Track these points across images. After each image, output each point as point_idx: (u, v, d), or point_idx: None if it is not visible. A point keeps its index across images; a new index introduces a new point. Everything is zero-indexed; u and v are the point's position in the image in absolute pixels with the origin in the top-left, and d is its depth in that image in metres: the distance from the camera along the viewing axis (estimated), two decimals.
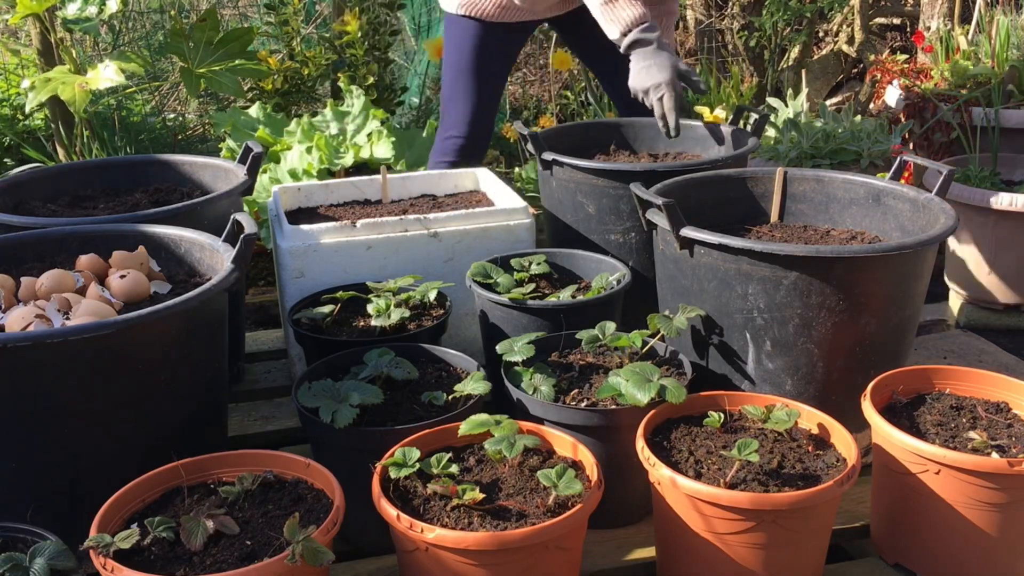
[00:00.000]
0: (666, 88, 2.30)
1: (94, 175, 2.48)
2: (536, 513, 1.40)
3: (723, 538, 1.45)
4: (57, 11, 3.27)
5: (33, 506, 1.51)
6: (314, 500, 1.44)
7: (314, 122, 3.20)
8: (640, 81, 2.34)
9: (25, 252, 1.95)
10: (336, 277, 2.17)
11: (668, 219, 1.81)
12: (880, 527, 1.70)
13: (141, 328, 1.53)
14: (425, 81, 4.61)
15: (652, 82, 2.31)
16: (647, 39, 2.32)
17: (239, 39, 3.40)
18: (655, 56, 2.31)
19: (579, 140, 2.67)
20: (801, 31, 4.68)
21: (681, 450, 1.57)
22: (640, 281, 2.21)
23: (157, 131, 4.12)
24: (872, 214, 2.07)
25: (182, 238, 1.94)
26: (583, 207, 2.36)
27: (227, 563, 1.30)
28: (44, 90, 3.08)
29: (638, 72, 2.34)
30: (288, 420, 2.21)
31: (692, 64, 5.16)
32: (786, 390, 1.81)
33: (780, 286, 1.73)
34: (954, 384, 1.76)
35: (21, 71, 4.19)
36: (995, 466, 1.48)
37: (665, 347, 1.86)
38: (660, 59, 2.31)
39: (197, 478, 1.50)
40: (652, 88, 2.32)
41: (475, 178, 2.67)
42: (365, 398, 1.64)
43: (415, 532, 1.34)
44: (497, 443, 1.48)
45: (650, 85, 2.32)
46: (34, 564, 1.27)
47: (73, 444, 1.53)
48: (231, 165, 2.38)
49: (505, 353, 1.78)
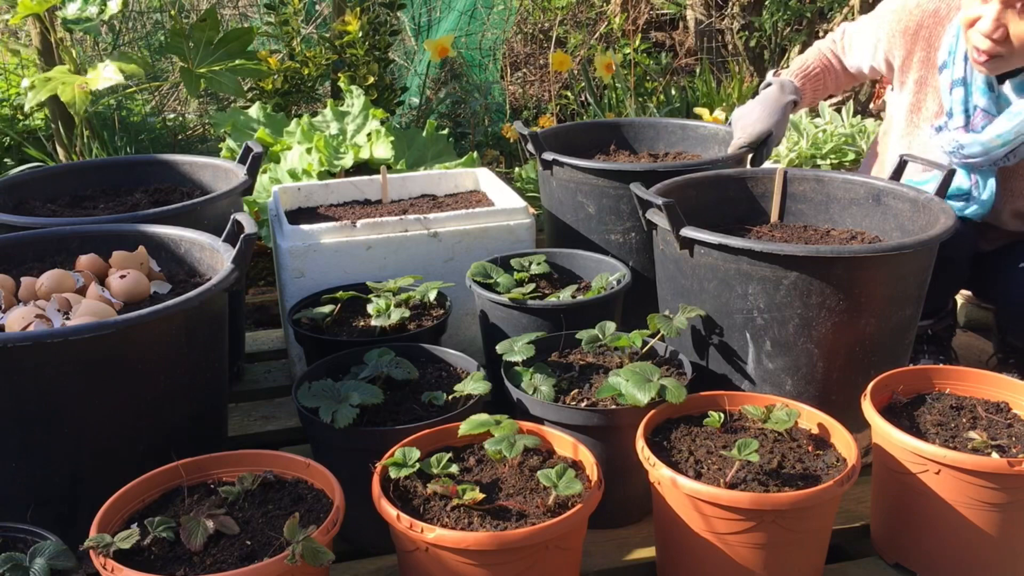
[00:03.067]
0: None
1: (94, 175, 2.48)
2: (536, 513, 1.40)
3: (723, 538, 1.45)
4: (57, 11, 3.27)
5: (33, 506, 1.51)
6: (314, 500, 1.44)
7: (314, 122, 3.20)
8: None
9: (25, 252, 1.95)
10: (336, 277, 2.17)
11: (668, 219, 1.81)
12: (880, 527, 1.70)
13: (141, 328, 1.53)
14: (425, 81, 4.61)
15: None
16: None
17: (239, 39, 3.40)
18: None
19: (579, 140, 2.67)
20: (801, 31, 4.68)
21: (681, 450, 1.57)
22: (640, 281, 2.21)
23: (157, 131, 4.12)
24: (872, 214, 2.07)
25: (182, 238, 1.94)
26: (583, 207, 2.36)
27: (227, 563, 1.30)
28: (44, 90, 3.08)
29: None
30: (288, 420, 2.21)
31: (692, 64, 5.17)
32: (786, 390, 1.81)
33: (780, 286, 1.73)
34: (954, 384, 1.76)
35: (21, 71, 4.19)
36: (995, 466, 1.48)
37: (665, 347, 1.86)
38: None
39: (197, 478, 1.50)
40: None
41: (475, 178, 2.67)
42: (365, 398, 1.64)
43: (415, 532, 1.34)
44: (497, 443, 1.48)
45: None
46: (34, 564, 1.27)
47: (73, 444, 1.53)
48: (231, 165, 2.38)
49: (505, 353, 1.78)
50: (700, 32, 5.12)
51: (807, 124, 3.43)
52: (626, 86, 4.29)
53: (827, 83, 2.41)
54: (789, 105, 2.32)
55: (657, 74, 4.79)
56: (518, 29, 5.25)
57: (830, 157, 3.32)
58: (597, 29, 5.03)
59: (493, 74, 4.87)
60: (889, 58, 2.24)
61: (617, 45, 4.84)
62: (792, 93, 2.32)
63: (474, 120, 4.46)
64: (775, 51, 4.76)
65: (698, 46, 5.13)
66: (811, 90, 2.38)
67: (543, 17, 5.29)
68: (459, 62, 4.79)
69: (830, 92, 2.47)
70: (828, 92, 2.46)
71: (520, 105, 4.89)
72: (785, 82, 2.34)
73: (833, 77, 2.41)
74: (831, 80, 2.41)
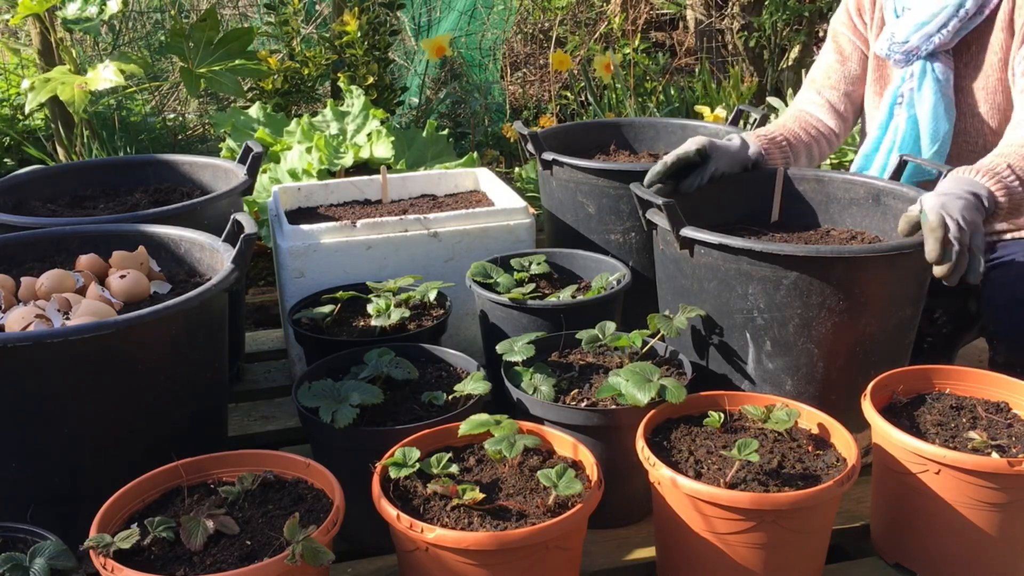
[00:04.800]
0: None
1: (94, 175, 2.48)
2: (536, 513, 1.40)
3: (723, 538, 1.45)
4: (57, 11, 3.27)
5: (33, 506, 1.51)
6: (314, 500, 1.44)
7: (314, 122, 3.20)
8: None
9: (25, 252, 1.95)
10: (336, 277, 2.17)
11: (668, 219, 1.81)
12: (880, 527, 1.70)
13: (141, 328, 1.53)
14: (425, 81, 4.61)
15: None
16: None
17: (239, 39, 3.40)
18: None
19: (579, 140, 2.67)
20: (801, 31, 4.68)
21: (681, 450, 1.57)
22: (640, 281, 2.21)
23: (157, 131, 4.12)
24: (872, 214, 2.06)
25: (182, 238, 1.94)
26: (583, 207, 2.36)
27: (227, 563, 1.30)
28: (44, 90, 3.08)
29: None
30: (288, 420, 2.21)
31: (692, 64, 5.17)
32: (786, 390, 1.81)
33: (780, 286, 1.73)
34: (954, 384, 1.76)
35: (21, 71, 4.19)
36: (995, 466, 1.48)
37: (665, 347, 1.86)
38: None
39: (197, 478, 1.50)
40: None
41: (475, 178, 2.67)
42: (365, 398, 1.64)
43: (415, 532, 1.34)
44: (497, 443, 1.48)
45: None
46: (34, 564, 1.27)
47: (73, 444, 1.53)
48: (231, 165, 2.38)
49: (505, 353, 1.78)
50: (700, 32, 5.12)
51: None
52: (626, 86, 4.29)
53: (808, 149, 2.23)
54: (741, 148, 2.12)
55: (657, 74, 4.79)
56: (518, 29, 5.25)
57: (830, 157, 3.32)
58: (597, 29, 5.03)
59: (493, 74, 4.87)
60: (862, 40, 2.23)
61: (617, 45, 4.84)
62: (750, 146, 2.14)
63: (474, 120, 4.46)
64: (775, 51, 4.76)
65: (698, 46, 5.14)
66: (780, 156, 2.17)
67: (543, 17, 5.30)
68: (459, 62, 4.79)
69: (820, 152, 2.27)
70: (814, 153, 2.25)
71: (520, 105, 4.89)
72: (746, 136, 2.18)
73: (817, 143, 2.23)
74: (815, 147, 2.23)
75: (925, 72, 2.07)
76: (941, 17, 2.01)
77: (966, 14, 2.00)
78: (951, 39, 2.04)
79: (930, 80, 2.07)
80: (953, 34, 2.03)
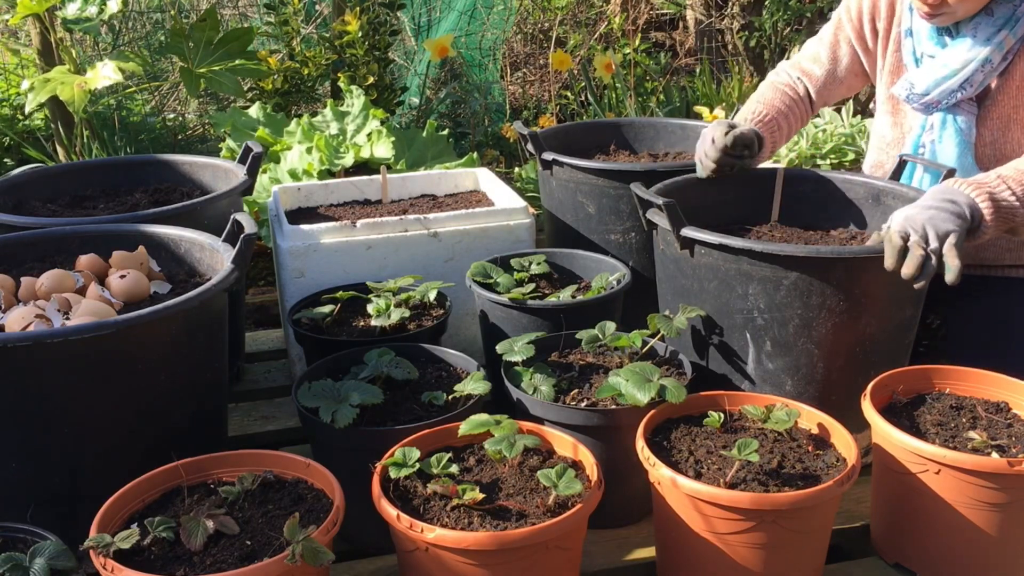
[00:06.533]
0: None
1: (94, 175, 2.48)
2: (536, 513, 1.40)
3: (723, 538, 1.45)
4: (57, 11, 3.27)
5: (33, 506, 1.51)
6: (314, 500, 1.44)
7: (314, 122, 3.20)
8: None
9: (25, 252, 1.95)
10: (336, 277, 2.17)
11: (668, 219, 1.81)
12: (880, 527, 1.70)
13: (141, 328, 1.53)
14: (425, 81, 4.62)
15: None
16: None
17: (239, 39, 3.40)
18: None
19: (579, 140, 2.67)
20: (801, 31, 4.68)
21: (681, 450, 1.57)
22: (640, 281, 2.21)
23: (157, 131, 4.12)
24: (872, 214, 2.07)
25: (182, 238, 1.94)
26: (583, 207, 2.36)
27: (227, 563, 1.30)
28: (43, 91, 3.08)
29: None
30: (288, 420, 2.21)
31: (692, 64, 5.17)
32: (786, 390, 1.81)
33: (780, 286, 1.73)
34: (954, 384, 1.76)
35: (21, 71, 4.20)
36: (995, 466, 1.47)
37: (665, 347, 1.86)
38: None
39: (197, 478, 1.50)
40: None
41: (475, 178, 2.67)
42: (365, 398, 1.64)
43: (415, 532, 1.34)
44: (497, 443, 1.48)
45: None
46: (34, 564, 1.27)
47: (73, 444, 1.53)
48: (231, 165, 2.38)
49: (505, 353, 1.78)
50: (700, 32, 5.12)
51: (807, 124, 3.43)
52: (626, 86, 4.29)
53: (790, 122, 2.20)
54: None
55: (657, 74, 4.80)
56: (518, 29, 5.25)
57: (830, 157, 3.32)
58: (597, 29, 5.04)
59: (493, 74, 4.88)
60: (862, 44, 2.17)
61: (617, 45, 4.85)
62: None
63: (474, 120, 4.46)
64: (775, 51, 4.76)
65: (698, 46, 5.14)
66: (770, 140, 2.16)
67: (543, 17, 5.30)
68: (459, 62, 4.79)
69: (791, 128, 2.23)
70: (789, 129, 2.22)
71: (520, 105, 4.89)
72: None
73: (797, 110, 2.21)
74: (794, 117, 2.21)
75: (946, 124, 2.01)
76: (964, 73, 1.93)
77: (991, 68, 1.93)
78: (974, 92, 1.97)
79: (951, 132, 2.01)
80: (976, 87, 1.96)
